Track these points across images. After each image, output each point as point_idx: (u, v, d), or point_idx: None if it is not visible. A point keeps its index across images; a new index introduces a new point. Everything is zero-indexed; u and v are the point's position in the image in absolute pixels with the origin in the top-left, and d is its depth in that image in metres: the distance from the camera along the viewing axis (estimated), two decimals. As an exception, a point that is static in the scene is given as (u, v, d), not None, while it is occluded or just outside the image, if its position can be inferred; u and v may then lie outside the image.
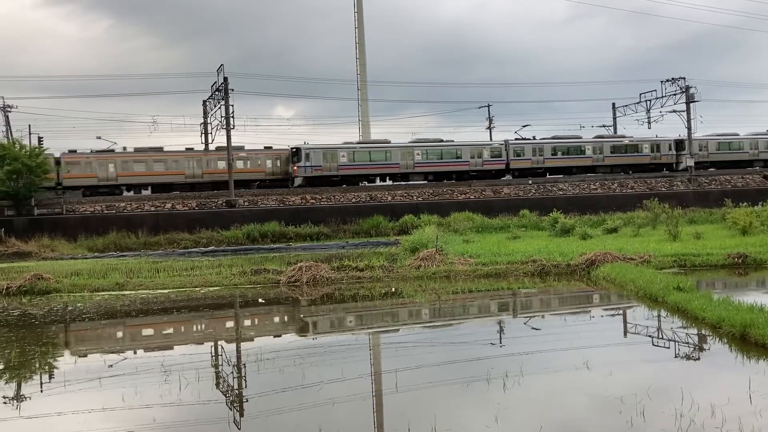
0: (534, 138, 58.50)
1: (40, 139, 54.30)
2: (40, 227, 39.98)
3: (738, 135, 62.63)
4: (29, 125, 59.59)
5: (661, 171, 58.32)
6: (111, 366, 11.20)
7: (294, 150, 50.62)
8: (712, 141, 60.45)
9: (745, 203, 37.34)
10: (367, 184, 51.39)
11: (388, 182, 53.87)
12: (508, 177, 55.77)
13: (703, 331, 11.75)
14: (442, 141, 54.74)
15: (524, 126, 66.48)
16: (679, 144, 59.01)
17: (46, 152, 43.98)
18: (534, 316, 14.98)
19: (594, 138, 58.81)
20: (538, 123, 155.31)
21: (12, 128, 58.60)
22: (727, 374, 9.42)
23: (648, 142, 58.82)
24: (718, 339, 11.10)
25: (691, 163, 56.14)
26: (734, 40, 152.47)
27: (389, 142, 53.79)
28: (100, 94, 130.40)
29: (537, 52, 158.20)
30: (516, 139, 58.65)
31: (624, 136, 59.73)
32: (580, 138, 58.36)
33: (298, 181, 50.91)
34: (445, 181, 53.20)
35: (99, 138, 52.09)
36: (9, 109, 59.03)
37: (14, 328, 15.02)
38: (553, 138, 58.21)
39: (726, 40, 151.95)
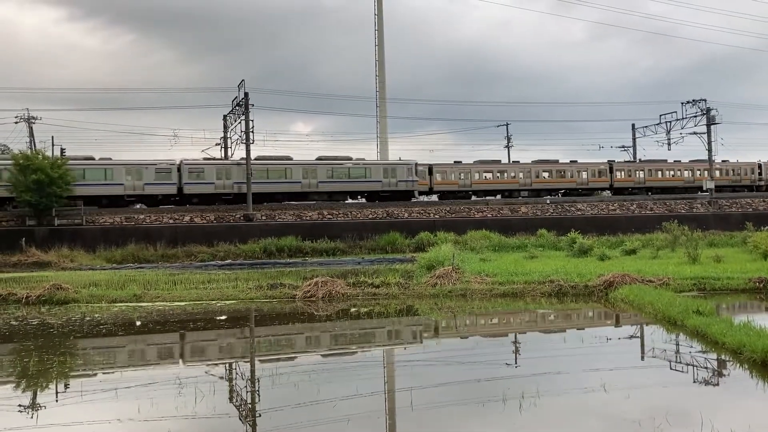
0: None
1: (62, 151, 55.16)
2: (60, 238, 40.44)
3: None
4: (52, 137, 60.68)
5: (400, 200, 52.00)
6: (126, 376, 11.25)
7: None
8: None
9: (767, 227, 36.86)
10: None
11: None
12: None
13: (723, 356, 11.57)
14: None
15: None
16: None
17: (68, 164, 44.53)
18: (550, 338, 14.85)
19: (313, 161, 51.52)
20: (558, 143, 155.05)
21: (35, 139, 59.68)
22: (748, 400, 9.26)
23: (381, 167, 52.91)
24: (738, 365, 10.92)
25: (711, 185, 55.67)
26: (756, 62, 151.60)
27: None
28: (122, 107, 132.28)
29: (556, 71, 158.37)
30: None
31: (350, 158, 52.77)
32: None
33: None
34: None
35: None
36: (33, 121, 60.14)
37: (33, 338, 15.16)
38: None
39: (748, 63, 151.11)
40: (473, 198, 55.04)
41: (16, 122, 60.00)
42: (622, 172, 59.95)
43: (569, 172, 58.37)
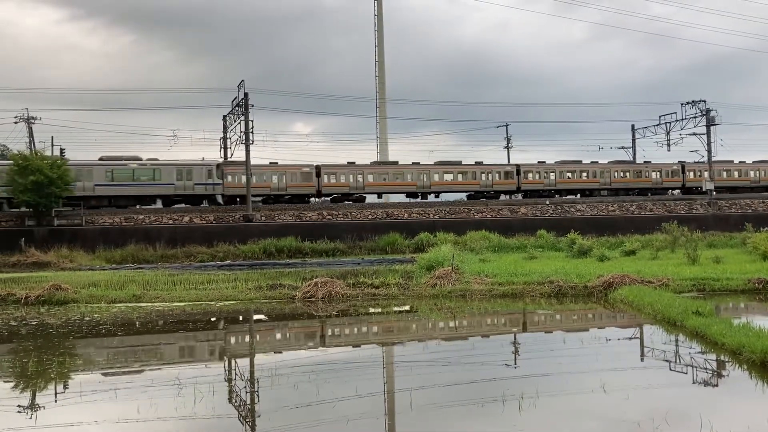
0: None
1: (62, 151, 55.14)
2: (60, 238, 40.41)
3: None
4: (52, 137, 60.56)
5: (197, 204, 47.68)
6: (125, 376, 11.24)
7: None
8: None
9: (766, 228, 36.82)
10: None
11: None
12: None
13: (722, 357, 11.57)
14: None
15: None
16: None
17: (68, 164, 44.48)
18: (550, 338, 14.84)
19: (90, 161, 47.03)
20: (557, 144, 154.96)
21: (35, 140, 59.65)
22: (747, 401, 9.26)
23: (174, 168, 46.68)
24: (737, 365, 10.92)
25: (711, 186, 55.70)
26: (757, 63, 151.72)
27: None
28: (121, 108, 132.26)
29: (556, 72, 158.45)
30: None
31: (138, 158, 47.66)
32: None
33: None
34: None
35: None
36: (32, 121, 60.08)
37: (32, 338, 15.15)
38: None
39: (747, 64, 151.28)
40: (557, 196, 56.66)
41: (15, 122, 59.97)
42: (693, 173, 61.67)
43: (645, 172, 60.18)
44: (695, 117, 58.82)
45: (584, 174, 58.58)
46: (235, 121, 51.32)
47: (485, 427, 8.26)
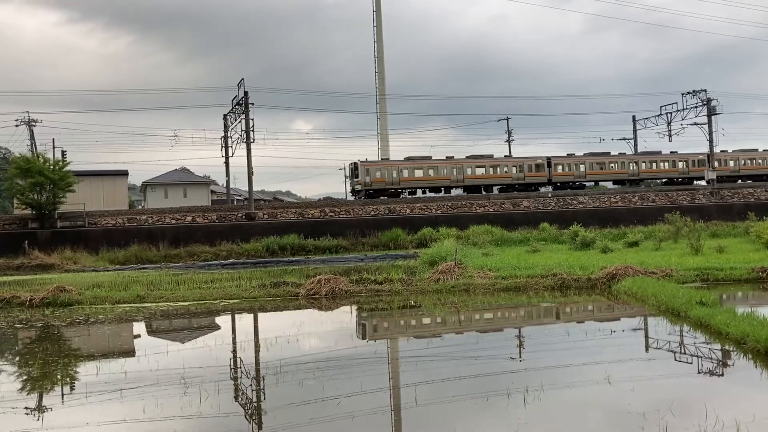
0: None
1: (63, 153, 55.26)
2: (63, 240, 40.50)
3: None
4: (53, 139, 60.63)
5: None
6: (130, 376, 11.27)
7: None
8: None
9: (768, 217, 36.77)
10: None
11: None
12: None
13: (726, 347, 11.57)
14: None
15: None
16: None
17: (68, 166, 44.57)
18: (554, 331, 14.85)
19: None
20: (559, 136, 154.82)
21: (36, 142, 59.74)
22: (752, 391, 9.26)
23: None
24: (742, 355, 10.93)
25: (713, 176, 55.61)
26: (756, 52, 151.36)
27: None
28: (122, 109, 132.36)
29: (555, 64, 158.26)
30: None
31: None
32: None
33: None
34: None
35: None
36: (34, 124, 60.16)
37: (37, 340, 15.19)
38: None
39: (747, 53, 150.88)
40: (738, 182, 62.12)
41: (16, 125, 60.06)
42: None
43: None
44: (696, 107, 58.76)
45: (759, 161, 64.92)
46: (235, 120, 51.42)
47: (490, 421, 8.28)
